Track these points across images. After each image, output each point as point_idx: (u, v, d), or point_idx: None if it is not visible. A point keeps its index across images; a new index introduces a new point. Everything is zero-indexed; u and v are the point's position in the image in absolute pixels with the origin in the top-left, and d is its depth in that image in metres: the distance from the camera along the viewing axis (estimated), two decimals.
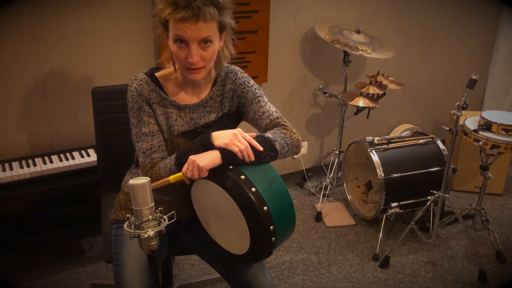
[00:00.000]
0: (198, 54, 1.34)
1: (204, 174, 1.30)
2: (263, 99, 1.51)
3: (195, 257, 2.46)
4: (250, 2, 2.61)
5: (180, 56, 1.35)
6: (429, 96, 3.63)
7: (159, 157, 1.46)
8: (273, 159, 1.40)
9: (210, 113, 1.52)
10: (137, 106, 1.44)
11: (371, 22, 3.12)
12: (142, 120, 1.45)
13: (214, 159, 1.30)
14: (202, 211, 1.48)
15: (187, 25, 1.29)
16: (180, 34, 1.30)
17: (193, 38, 1.31)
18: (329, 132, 3.31)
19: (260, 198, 1.26)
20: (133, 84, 1.45)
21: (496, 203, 3.13)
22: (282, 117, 1.50)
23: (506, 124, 2.32)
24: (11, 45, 2.14)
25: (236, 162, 1.32)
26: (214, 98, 1.51)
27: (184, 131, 1.50)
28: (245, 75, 1.53)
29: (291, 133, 1.46)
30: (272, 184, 1.32)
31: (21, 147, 2.30)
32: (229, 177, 1.29)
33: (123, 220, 1.57)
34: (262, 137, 1.39)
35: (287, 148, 1.43)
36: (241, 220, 1.28)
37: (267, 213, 1.26)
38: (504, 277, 2.42)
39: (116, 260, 1.47)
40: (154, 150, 1.45)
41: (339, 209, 2.98)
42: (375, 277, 2.39)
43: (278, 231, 1.30)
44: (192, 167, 1.30)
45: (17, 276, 2.27)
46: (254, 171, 1.31)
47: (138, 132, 1.45)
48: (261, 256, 1.35)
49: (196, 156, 1.31)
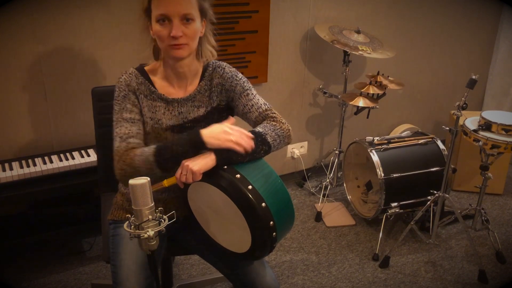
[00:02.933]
0: (180, 29, 1.36)
1: (198, 178, 1.29)
2: (252, 92, 1.52)
3: (195, 257, 2.46)
4: (250, 2, 2.61)
5: (163, 33, 1.37)
6: (429, 96, 3.63)
7: (135, 142, 1.42)
8: (266, 153, 1.40)
9: (199, 108, 1.52)
10: (122, 95, 1.45)
11: (371, 22, 3.12)
12: (125, 107, 1.44)
13: (208, 162, 1.30)
14: (200, 213, 1.48)
15: (168, 0, 1.34)
16: (162, 10, 1.35)
17: (174, 12, 1.35)
18: (329, 132, 3.31)
19: (257, 195, 1.26)
20: (123, 76, 1.47)
21: (496, 203, 3.13)
22: (271, 108, 1.51)
23: (506, 124, 2.32)
24: (11, 45, 2.14)
25: (231, 162, 1.32)
26: (202, 92, 1.52)
27: (173, 125, 1.49)
28: (232, 69, 1.54)
29: (281, 124, 1.46)
30: (268, 180, 1.32)
31: (21, 147, 2.30)
32: (224, 177, 1.28)
33: (121, 220, 1.57)
34: (252, 132, 1.39)
35: (278, 140, 1.44)
36: (241, 219, 1.28)
37: (266, 209, 1.27)
38: (504, 277, 2.42)
39: (114, 260, 1.47)
40: (131, 135, 1.42)
41: (339, 209, 2.98)
42: (375, 277, 2.39)
43: (278, 225, 1.30)
44: (186, 171, 1.29)
45: (17, 276, 2.27)
46: (248, 169, 1.31)
47: (119, 118, 1.44)
48: (264, 252, 1.36)
49: (189, 161, 1.30)
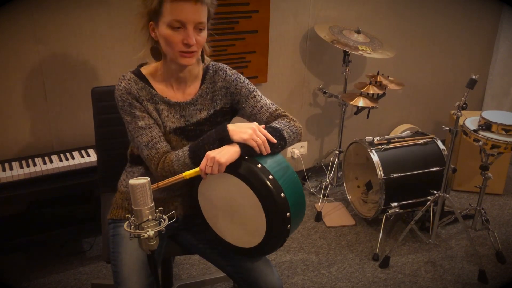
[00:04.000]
0: (194, 37, 1.36)
1: (223, 169, 1.32)
2: (258, 94, 1.55)
3: (195, 257, 2.46)
4: (250, 2, 2.61)
5: (175, 39, 1.35)
6: (429, 96, 3.63)
7: (163, 146, 1.45)
8: (283, 148, 1.45)
9: (201, 111, 1.52)
10: (127, 103, 1.44)
11: (371, 22, 3.12)
12: (135, 115, 1.44)
13: (233, 154, 1.33)
14: (210, 208, 1.48)
15: (187, 6, 1.31)
16: (179, 16, 1.32)
17: (191, 19, 1.33)
18: (329, 132, 3.31)
19: (277, 185, 1.30)
20: (121, 83, 1.44)
21: (496, 203, 3.13)
22: (279, 108, 1.55)
23: (506, 124, 2.32)
24: (11, 45, 2.14)
25: (253, 155, 1.36)
26: (204, 96, 1.52)
27: (176, 127, 1.50)
28: (234, 72, 1.55)
29: (294, 121, 1.52)
30: (286, 173, 1.37)
31: (21, 147, 2.30)
32: (246, 167, 1.32)
33: (120, 219, 1.57)
34: (271, 127, 1.43)
35: (293, 136, 1.48)
36: (257, 209, 1.31)
37: (284, 200, 1.30)
38: (504, 277, 2.42)
39: (114, 259, 1.47)
40: (156, 141, 1.45)
41: (339, 209, 2.98)
42: (375, 277, 2.39)
43: (293, 217, 1.34)
44: (212, 163, 1.31)
45: (17, 276, 2.27)
46: (268, 161, 1.36)
47: (135, 127, 1.45)
48: (276, 245, 1.40)
49: (215, 152, 1.32)
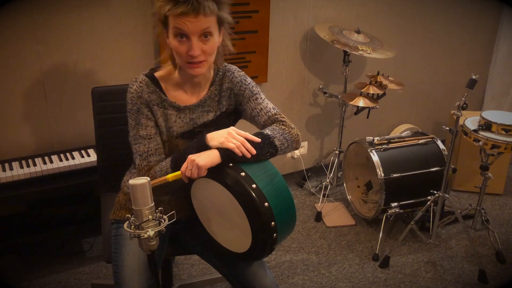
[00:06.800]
0: (199, 47, 1.34)
1: (203, 173, 1.30)
2: (261, 96, 1.52)
3: (195, 257, 2.46)
4: (250, 2, 2.61)
5: (181, 50, 1.35)
6: (429, 96, 3.63)
7: (156, 160, 1.47)
8: (273, 156, 1.40)
9: (208, 113, 1.52)
10: (135, 108, 1.44)
11: (371, 22, 3.11)
12: (140, 123, 1.45)
13: (213, 158, 1.31)
14: (202, 210, 1.48)
15: (188, 18, 1.30)
16: (181, 27, 1.31)
17: (193, 31, 1.32)
18: (329, 132, 3.31)
19: (261, 194, 1.26)
20: (133, 86, 1.44)
21: (496, 203, 3.13)
22: (280, 113, 1.51)
23: (506, 124, 2.32)
24: (11, 45, 2.14)
25: (236, 160, 1.32)
26: (212, 97, 1.52)
27: (183, 132, 1.50)
28: (242, 74, 1.54)
29: (290, 128, 1.46)
30: (273, 181, 1.33)
31: (21, 147, 2.30)
32: (229, 174, 1.29)
33: (123, 220, 1.57)
34: (261, 134, 1.40)
35: (286, 144, 1.44)
36: (242, 217, 1.29)
37: (268, 209, 1.27)
38: (504, 277, 2.42)
39: (116, 260, 1.48)
40: (151, 153, 1.46)
41: (339, 209, 2.98)
42: (375, 277, 2.39)
43: (279, 227, 1.30)
44: (192, 166, 1.30)
45: (17, 276, 2.27)
46: (254, 168, 1.32)
47: (136, 134, 1.46)
48: (263, 253, 1.36)
49: (195, 156, 1.31)
